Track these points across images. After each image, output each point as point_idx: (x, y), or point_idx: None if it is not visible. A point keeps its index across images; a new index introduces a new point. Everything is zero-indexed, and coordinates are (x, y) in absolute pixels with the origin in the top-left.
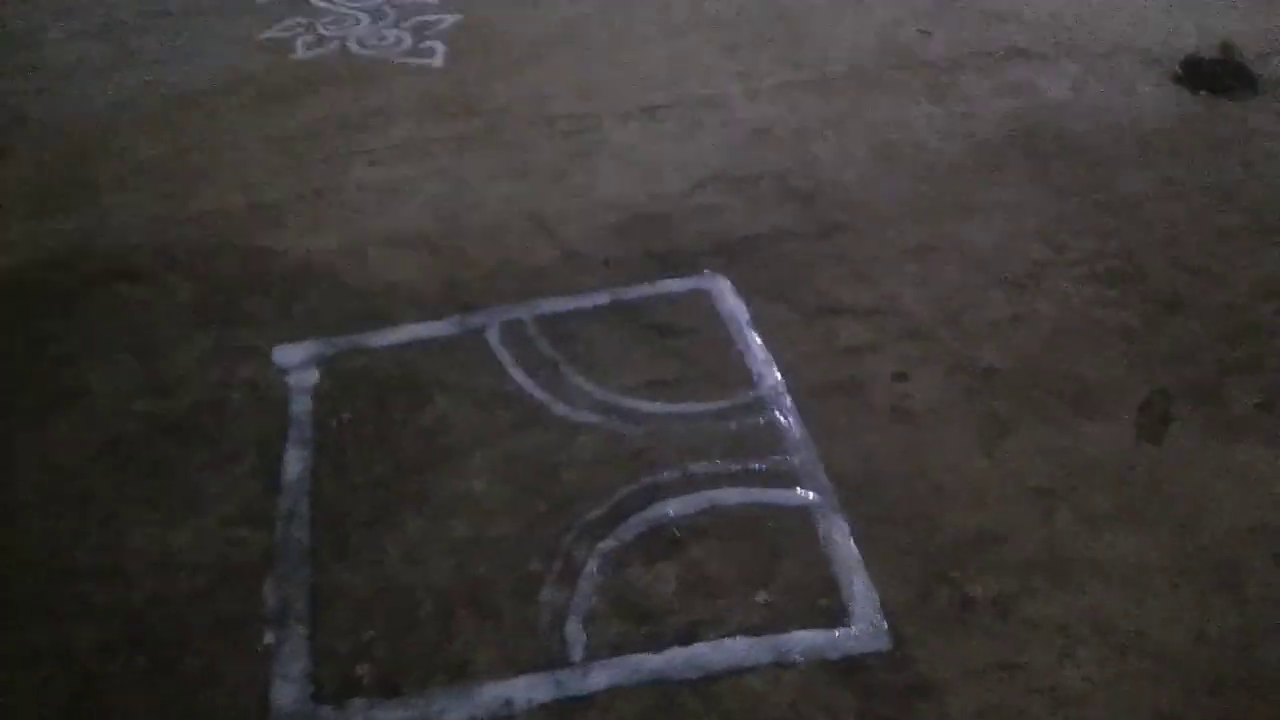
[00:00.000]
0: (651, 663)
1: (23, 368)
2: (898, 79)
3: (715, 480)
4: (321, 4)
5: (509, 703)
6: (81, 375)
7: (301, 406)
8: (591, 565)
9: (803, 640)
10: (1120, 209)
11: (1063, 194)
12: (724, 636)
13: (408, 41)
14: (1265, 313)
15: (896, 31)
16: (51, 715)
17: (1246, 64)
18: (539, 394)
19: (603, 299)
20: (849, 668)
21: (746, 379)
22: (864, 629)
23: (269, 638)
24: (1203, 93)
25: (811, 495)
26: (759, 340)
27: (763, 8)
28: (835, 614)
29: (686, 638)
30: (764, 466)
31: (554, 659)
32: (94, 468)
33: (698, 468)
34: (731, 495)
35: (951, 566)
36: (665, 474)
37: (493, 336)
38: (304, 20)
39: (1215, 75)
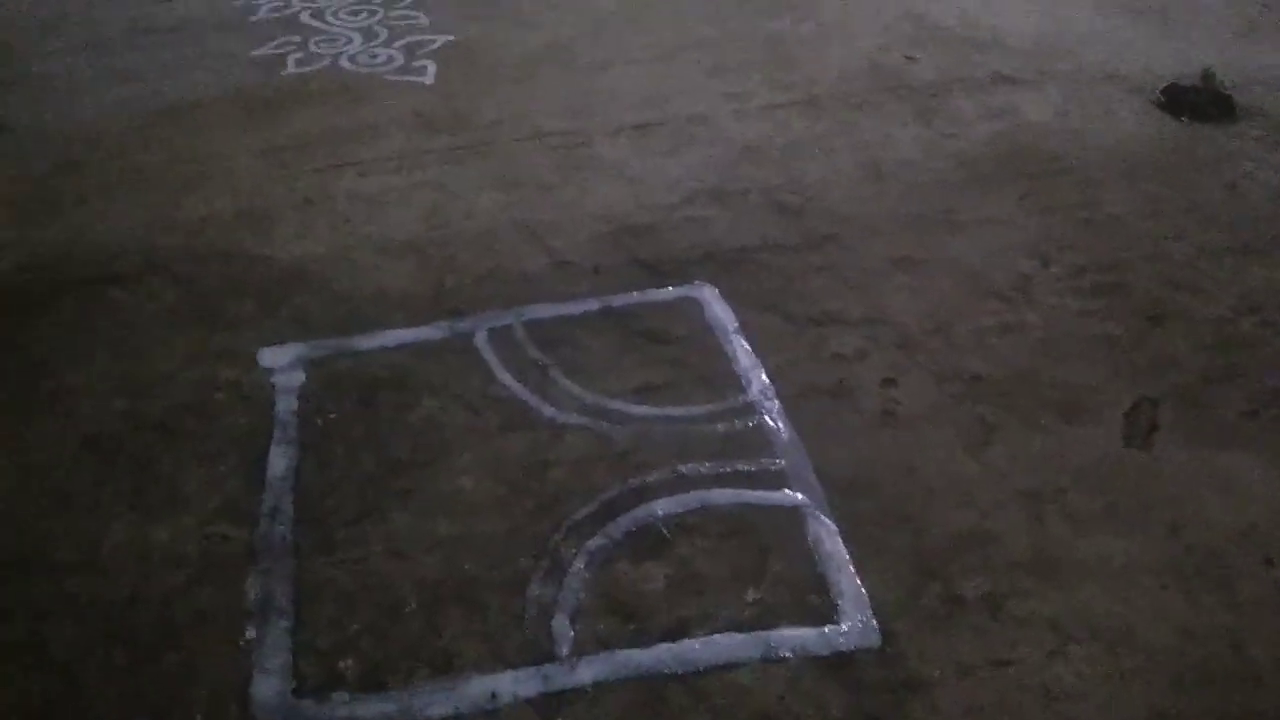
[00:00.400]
0: (639, 658)
1: (3, 368)
2: (884, 101)
3: (704, 481)
4: (314, 23)
5: (495, 696)
6: (63, 376)
7: (286, 406)
8: (579, 563)
9: (792, 637)
10: (1105, 226)
11: (1048, 211)
12: (713, 633)
13: (399, 60)
14: (1247, 325)
15: (883, 57)
16: (28, 711)
17: (1226, 91)
18: (527, 397)
19: (592, 306)
20: (838, 664)
21: (735, 384)
22: (853, 626)
23: (250, 632)
24: (1184, 119)
25: (800, 496)
26: (747, 347)
27: (751, 33)
28: (825, 612)
29: (675, 634)
30: (753, 468)
31: (541, 654)
32: (74, 466)
33: (686, 469)
34: (720, 496)
35: (941, 566)
36: (654, 475)
37: (481, 341)
38: (296, 39)
39: (1196, 102)
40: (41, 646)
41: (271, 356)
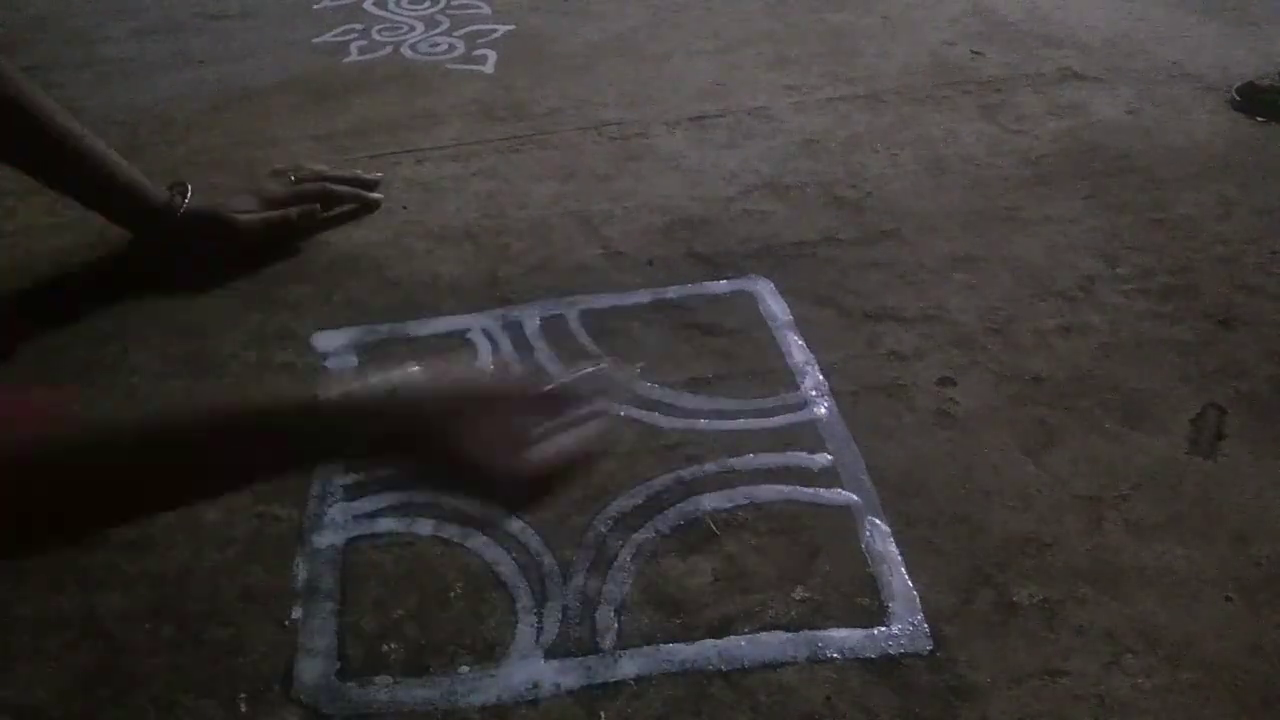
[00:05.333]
0: (683, 653)
1: (66, 344)
2: (949, 96)
3: (754, 477)
4: (377, 11)
5: (536, 686)
6: (123, 353)
7: None
8: (625, 555)
9: (840, 638)
10: (1175, 227)
11: (1116, 211)
12: (759, 630)
13: (460, 48)
14: None
15: (948, 52)
16: (75, 679)
17: None
18: None
19: (645, 297)
20: (888, 667)
21: (788, 379)
22: (904, 629)
23: (296, 613)
24: (1260, 118)
25: (852, 495)
26: (802, 342)
27: (813, 26)
28: (874, 613)
29: (720, 630)
30: (804, 465)
31: (584, 646)
32: None
33: (736, 463)
34: (770, 492)
35: (995, 571)
36: (703, 468)
37: (533, 330)
38: (359, 26)
39: (1273, 102)
40: (91, 617)
41: (325, 340)
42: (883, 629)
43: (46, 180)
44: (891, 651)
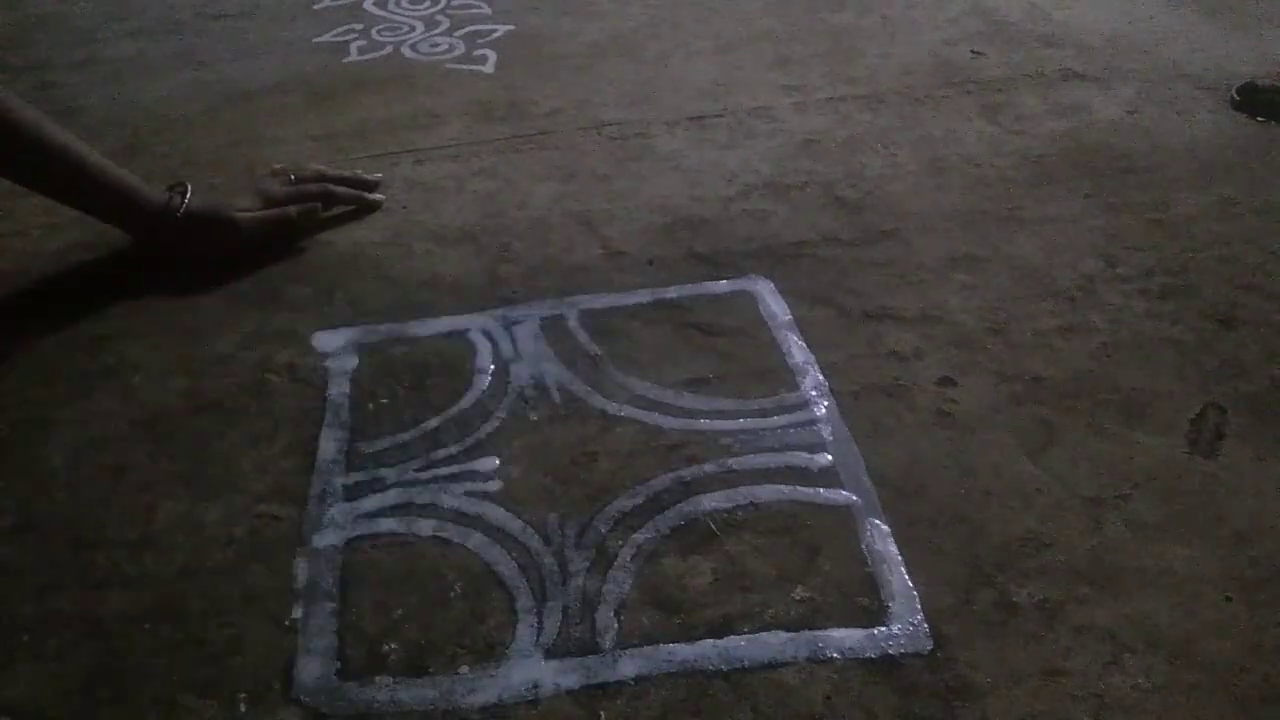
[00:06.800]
0: (683, 653)
1: (66, 344)
2: (949, 97)
3: (754, 477)
4: (378, 11)
5: (536, 686)
6: (123, 353)
7: (339, 390)
8: (625, 555)
9: (840, 638)
10: (1174, 227)
11: (1116, 210)
12: (759, 630)
13: (460, 49)
14: None
15: (948, 52)
16: (75, 681)
17: None
18: (578, 387)
19: (645, 297)
20: (887, 667)
21: (788, 379)
22: (904, 629)
23: (296, 612)
24: (1260, 118)
25: (852, 495)
26: (802, 342)
27: (814, 26)
28: (874, 613)
29: (720, 630)
30: (804, 465)
31: (584, 646)
32: (130, 442)
33: (736, 464)
34: (771, 492)
35: (995, 571)
36: (703, 469)
37: (532, 329)
38: (359, 26)
39: (1273, 102)
40: (91, 618)
41: (325, 340)
42: (883, 629)
43: (40, 192)
44: (891, 651)
